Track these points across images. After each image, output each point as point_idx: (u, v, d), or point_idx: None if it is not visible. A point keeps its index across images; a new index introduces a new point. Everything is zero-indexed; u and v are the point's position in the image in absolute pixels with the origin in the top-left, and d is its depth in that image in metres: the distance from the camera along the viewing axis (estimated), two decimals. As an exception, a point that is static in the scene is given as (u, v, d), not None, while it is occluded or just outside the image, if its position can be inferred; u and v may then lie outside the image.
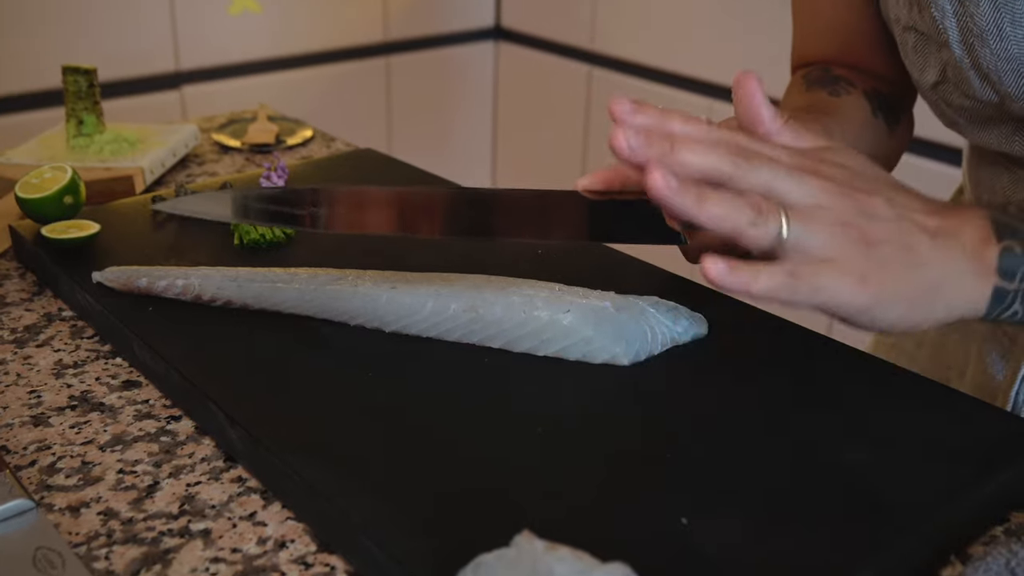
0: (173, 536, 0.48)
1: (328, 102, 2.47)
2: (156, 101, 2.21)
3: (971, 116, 0.70)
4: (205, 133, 1.06)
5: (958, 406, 0.55)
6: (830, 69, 0.82)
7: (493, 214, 0.58)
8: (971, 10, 0.61)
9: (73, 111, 0.92)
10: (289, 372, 0.57)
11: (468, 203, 0.59)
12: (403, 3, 2.57)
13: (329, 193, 0.58)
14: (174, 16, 2.20)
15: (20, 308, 0.69)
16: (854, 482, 0.48)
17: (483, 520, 0.45)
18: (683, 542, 0.44)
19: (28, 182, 0.74)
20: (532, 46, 2.70)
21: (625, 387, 0.56)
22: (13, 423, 0.56)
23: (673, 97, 2.34)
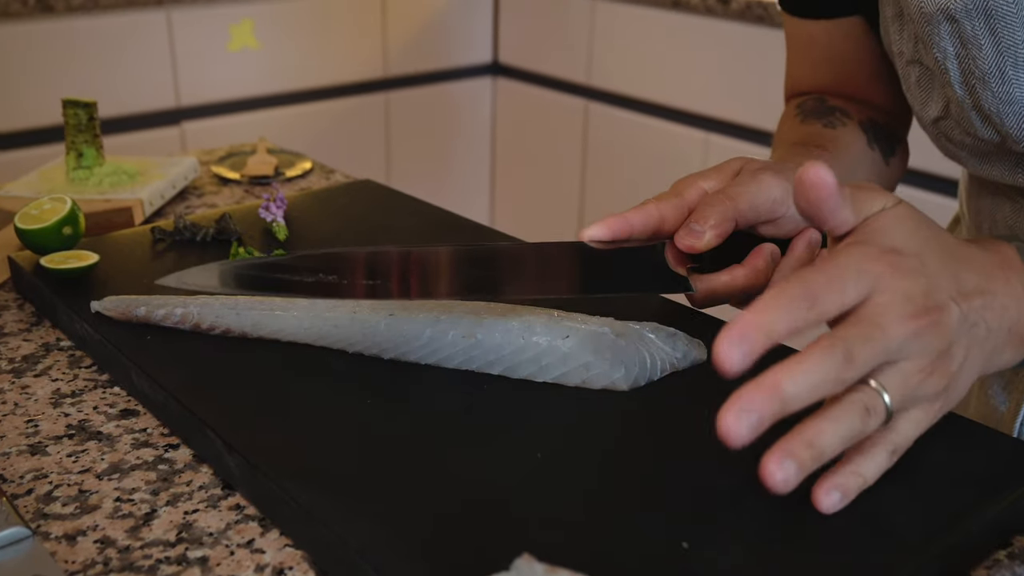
0: (171, 564, 0.47)
1: (327, 138, 2.48)
2: (156, 137, 2.23)
3: (973, 151, 0.71)
4: (204, 166, 1.07)
5: (961, 431, 0.54)
6: (825, 99, 0.82)
7: (494, 272, 0.59)
8: (973, 53, 0.62)
9: (73, 144, 0.93)
10: (287, 399, 0.56)
11: (469, 262, 0.59)
12: (402, 39, 2.59)
13: (336, 259, 0.58)
14: (174, 53, 2.22)
15: (18, 338, 0.69)
16: (857, 506, 0.47)
17: (482, 544, 0.44)
18: (683, 566, 0.43)
19: (27, 213, 0.74)
20: (529, 81, 2.72)
21: (625, 412, 0.56)
22: (10, 452, 0.56)
23: (669, 131, 2.35)
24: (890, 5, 0.69)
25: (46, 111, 2.05)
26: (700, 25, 2.23)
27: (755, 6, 2.10)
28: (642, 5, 2.34)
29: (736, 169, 0.64)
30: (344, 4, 2.45)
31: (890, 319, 0.44)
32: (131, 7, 2.13)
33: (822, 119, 0.79)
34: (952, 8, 0.61)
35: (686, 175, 0.64)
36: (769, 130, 2.12)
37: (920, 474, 0.50)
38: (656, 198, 0.62)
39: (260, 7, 2.32)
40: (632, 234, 0.60)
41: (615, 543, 0.45)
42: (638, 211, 0.61)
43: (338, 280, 0.57)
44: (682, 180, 0.63)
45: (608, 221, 0.60)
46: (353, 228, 0.82)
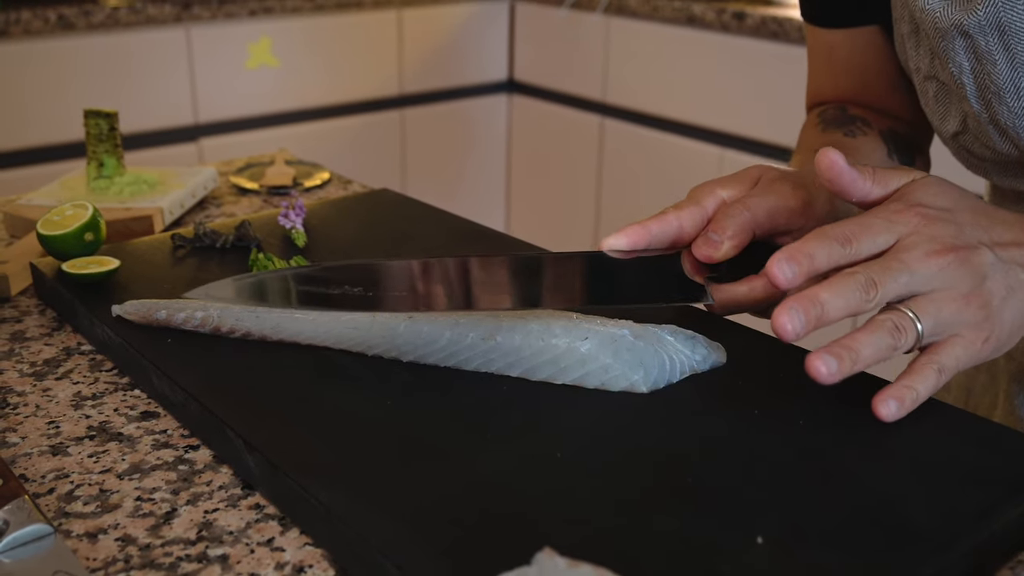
0: (191, 562, 0.47)
1: (343, 154, 2.50)
2: (174, 153, 2.25)
3: (994, 163, 0.70)
4: (223, 176, 1.07)
5: (984, 432, 0.54)
6: (846, 108, 0.82)
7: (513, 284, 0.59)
8: (988, 68, 0.62)
9: (94, 154, 0.93)
10: (307, 401, 0.57)
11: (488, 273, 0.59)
12: (418, 57, 2.61)
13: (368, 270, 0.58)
14: (193, 70, 2.24)
15: (40, 343, 0.69)
16: (880, 507, 0.47)
17: (503, 542, 0.44)
18: (707, 567, 0.43)
19: (49, 219, 0.75)
20: (545, 98, 2.73)
21: (645, 413, 0.55)
22: (32, 452, 0.56)
23: (685, 147, 2.36)
24: (906, 22, 0.69)
25: (66, 127, 2.07)
26: (715, 41, 2.24)
27: (770, 22, 2.10)
28: (657, 21, 2.35)
29: (755, 177, 0.64)
30: (361, 22, 2.48)
31: (914, 255, 0.52)
32: (151, 25, 2.15)
33: (843, 128, 0.79)
34: (966, 24, 0.60)
35: (704, 182, 0.64)
36: (785, 145, 2.12)
37: (944, 475, 0.50)
38: (675, 207, 0.62)
39: (278, 25, 2.34)
40: (651, 243, 0.60)
41: (636, 542, 0.45)
42: (657, 220, 0.61)
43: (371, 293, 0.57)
44: (700, 187, 0.63)
45: (627, 231, 0.60)
46: (371, 236, 0.82)
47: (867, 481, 0.49)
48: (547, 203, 2.80)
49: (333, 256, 0.77)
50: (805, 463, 0.51)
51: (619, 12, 2.42)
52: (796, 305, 0.50)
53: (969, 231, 0.54)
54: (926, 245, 0.53)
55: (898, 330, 0.51)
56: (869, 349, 0.51)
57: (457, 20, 2.66)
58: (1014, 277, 0.54)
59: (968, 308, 0.52)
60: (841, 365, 0.50)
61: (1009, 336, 0.54)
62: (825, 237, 0.53)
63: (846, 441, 0.52)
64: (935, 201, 0.55)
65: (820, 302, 0.51)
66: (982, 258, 0.53)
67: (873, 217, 0.54)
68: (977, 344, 0.53)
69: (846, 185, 0.57)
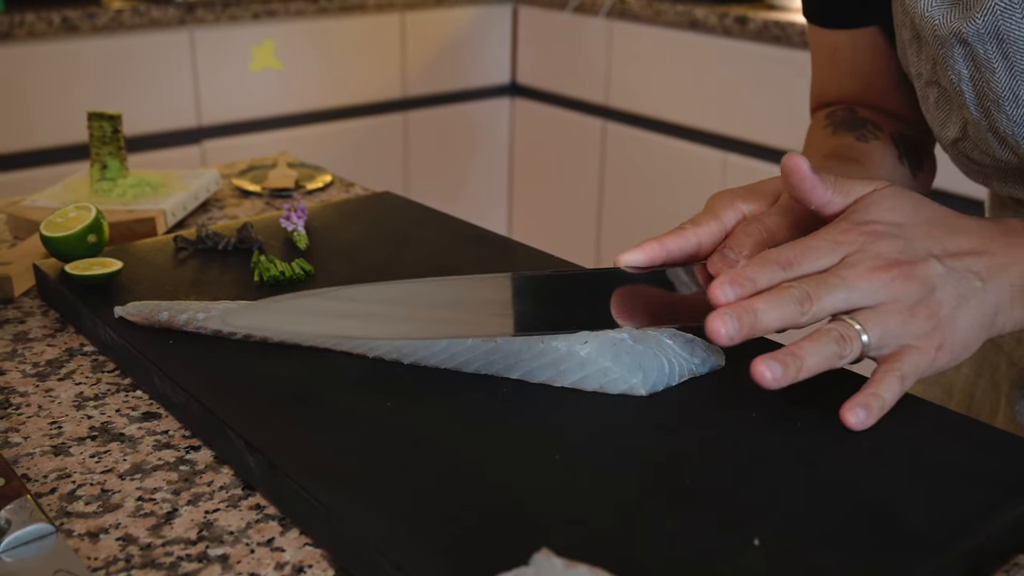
0: (191, 561, 0.48)
1: (346, 157, 2.50)
2: (177, 155, 2.25)
3: (994, 171, 0.71)
4: (226, 179, 1.08)
5: (982, 435, 0.54)
6: (855, 110, 0.82)
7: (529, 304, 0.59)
8: (986, 76, 0.62)
9: (97, 156, 0.94)
10: (307, 402, 0.57)
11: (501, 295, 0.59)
12: (421, 60, 2.61)
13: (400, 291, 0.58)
14: (196, 73, 2.25)
15: (42, 343, 0.70)
16: (878, 509, 0.47)
17: (501, 542, 0.45)
18: (704, 568, 0.43)
19: (53, 221, 0.75)
20: (547, 102, 2.74)
21: (644, 416, 0.56)
22: (34, 452, 0.56)
23: (687, 151, 2.36)
24: (907, 28, 0.69)
25: (70, 129, 2.08)
26: (717, 45, 2.24)
27: (772, 26, 2.11)
28: (659, 25, 2.35)
29: (776, 192, 0.63)
30: (364, 25, 2.48)
31: (855, 272, 0.54)
32: (154, 27, 2.16)
33: (854, 131, 0.79)
34: (964, 32, 0.61)
35: (724, 191, 0.64)
36: (787, 149, 2.12)
37: (941, 477, 0.50)
38: (693, 221, 0.62)
39: (281, 28, 2.35)
40: (668, 259, 0.60)
41: (634, 544, 0.45)
42: (675, 236, 0.61)
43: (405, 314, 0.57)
44: (720, 199, 0.63)
45: (645, 247, 0.60)
46: (373, 238, 0.82)
47: (864, 483, 0.49)
48: (549, 207, 2.81)
49: (334, 259, 0.78)
50: (803, 465, 0.51)
51: (622, 16, 2.43)
52: (730, 311, 0.52)
53: (918, 244, 0.55)
54: (869, 262, 0.54)
55: (843, 339, 0.52)
56: (814, 357, 0.52)
57: (460, 23, 2.66)
58: (966, 285, 0.55)
59: (915, 320, 0.53)
60: (786, 370, 0.51)
61: (964, 344, 0.55)
62: (768, 262, 0.55)
63: (844, 443, 0.53)
64: (886, 216, 0.56)
65: (754, 311, 0.52)
66: (929, 270, 0.54)
67: (818, 239, 0.56)
68: (931, 352, 0.54)
69: (807, 191, 0.58)
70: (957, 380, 0.85)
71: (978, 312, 0.55)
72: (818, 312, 0.53)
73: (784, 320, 0.53)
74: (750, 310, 0.52)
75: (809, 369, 0.52)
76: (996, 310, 0.56)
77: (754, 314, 0.52)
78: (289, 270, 0.73)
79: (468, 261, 0.77)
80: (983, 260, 0.56)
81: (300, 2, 2.34)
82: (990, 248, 0.56)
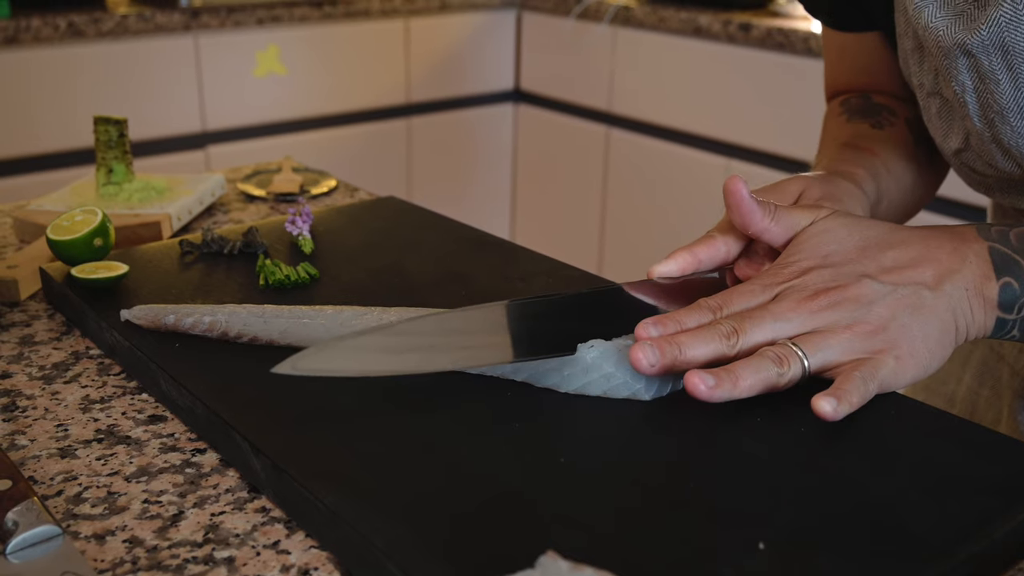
0: (198, 564, 0.48)
1: (349, 162, 2.51)
2: (182, 160, 2.26)
3: (996, 181, 0.71)
4: (231, 184, 1.08)
5: (985, 441, 0.54)
6: (869, 96, 0.82)
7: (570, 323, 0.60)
8: (991, 87, 0.62)
9: (103, 160, 0.94)
10: (314, 405, 0.57)
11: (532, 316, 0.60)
12: (425, 66, 2.62)
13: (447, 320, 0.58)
14: (201, 78, 2.25)
15: (48, 347, 0.70)
16: (881, 515, 0.47)
17: (507, 545, 0.45)
18: (709, 572, 0.43)
19: (59, 225, 0.76)
20: (551, 108, 2.74)
21: (647, 420, 0.56)
22: (40, 455, 0.57)
23: (690, 157, 2.36)
24: (909, 37, 0.69)
25: (76, 134, 2.09)
26: (721, 52, 2.24)
27: (776, 33, 2.11)
28: (663, 32, 2.36)
29: (795, 193, 0.65)
30: (368, 31, 2.49)
31: (784, 305, 0.56)
32: (159, 33, 2.16)
33: (869, 118, 0.79)
34: (969, 43, 0.60)
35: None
36: (790, 156, 2.12)
37: (944, 482, 0.50)
38: (719, 228, 0.64)
39: (286, 34, 2.35)
40: (700, 267, 0.63)
41: (638, 548, 0.45)
42: (704, 245, 0.63)
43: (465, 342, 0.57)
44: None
45: (676, 257, 0.62)
46: (378, 243, 0.83)
47: (868, 488, 0.49)
48: (552, 213, 2.81)
49: (340, 263, 0.78)
50: (806, 470, 0.51)
51: (626, 23, 2.43)
52: (652, 342, 0.54)
53: (849, 268, 0.57)
54: (796, 295, 0.56)
55: (779, 359, 0.54)
56: (749, 373, 0.53)
57: (464, 29, 2.67)
58: (914, 297, 0.56)
59: (856, 336, 0.55)
60: (720, 383, 0.53)
61: (929, 353, 0.56)
62: (697, 306, 0.57)
63: (847, 448, 0.53)
64: (816, 250, 0.58)
65: (678, 343, 0.54)
66: (861, 290, 0.56)
67: (748, 284, 0.58)
68: (889, 362, 0.55)
69: (745, 215, 0.60)
70: (959, 390, 0.85)
71: (934, 319, 0.56)
72: (745, 344, 0.55)
73: (710, 353, 0.54)
74: (673, 342, 0.54)
75: (746, 384, 0.53)
76: (954, 316, 0.57)
77: (677, 347, 0.54)
78: (294, 274, 0.73)
79: (475, 267, 0.77)
80: (928, 269, 0.57)
81: (304, 8, 2.35)
82: (935, 256, 0.57)
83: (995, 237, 0.59)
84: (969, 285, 0.57)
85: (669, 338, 0.55)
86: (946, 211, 1.84)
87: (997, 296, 0.57)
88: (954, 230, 0.60)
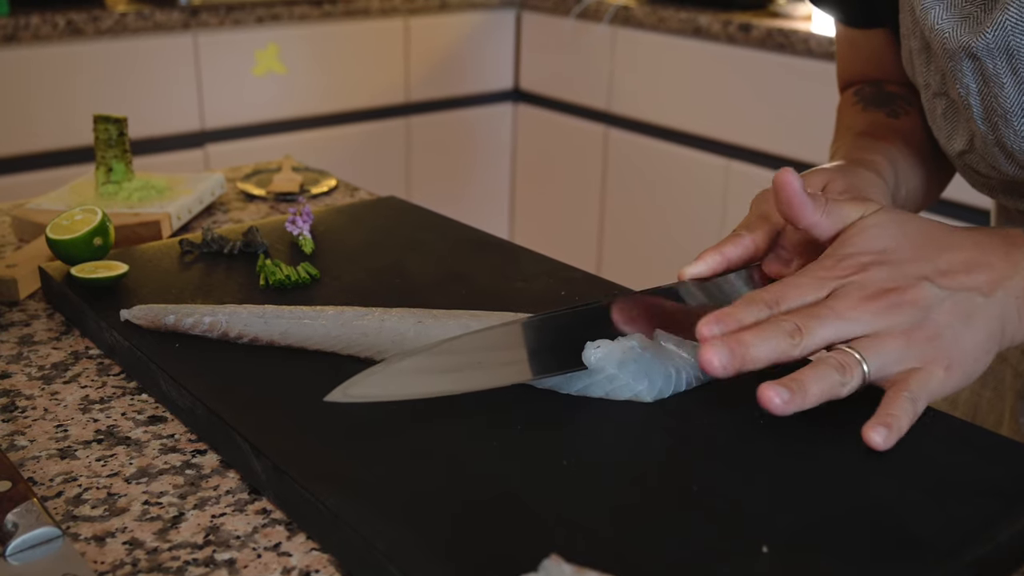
0: (198, 566, 0.48)
1: (348, 161, 2.50)
2: (180, 159, 2.25)
3: (999, 183, 0.70)
4: (230, 183, 1.08)
5: (988, 443, 0.54)
6: (882, 85, 0.82)
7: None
8: (995, 91, 0.62)
9: (103, 159, 0.94)
10: (315, 406, 0.57)
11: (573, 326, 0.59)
12: (424, 65, 2.62)
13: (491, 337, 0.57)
14: (200, 76, 2.25)
15: (48, 346, 0.70)
16: (882, 518, 0.47)
17: (508, 548, 0.45)
18: (709, 573, 0.43)
19: (59, 224, 0.75)
20: (550, 108, 2.74)
21: (649, 422, 0.56)
22: (40, 456, 0.56)
23: (690, 157, 2.36)
24: (916, 37, 0.68)
25: (75, 132, 2.08)
26: (721, 52, 2.24)
27: (776, 33, 2.11)
28: (663, 32, 2.36)
29: (819, 186, 0.65)
30: (368, 30, 2.48)
31: (845, 303, 0.54)
32: (159, 31, 2.16)
33: (884, 108, 0.79)
34: (974, 46, 0.60)
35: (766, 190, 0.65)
36: (790, 156, 2.12)
37: (947, 484, 0.50)
38: (746, 226, 0.64)
39: (285, 32, 2.35)
40: (730, 266, 0.62)
41: (641, 550, 0.45)
42: (733, 243, 0.63)
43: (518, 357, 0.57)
44: (767, 199, 0.64)
45: (706, 257, 0.62)
46: (379, 243, 0.82)
47: (871, 491, 0.49)
48: (551, 212, 2.81)
49: (340, 263, 0.78)
50: (809, 472, 0.51)
51: (625, 22, 2.43)
52: (722, 342, 0.52)
53: (908, 268, 0.55)
54: (857, 292, 0.54)
55: (842, 367, 0.52)
56: (815, 384, 0.52)
57: (463, 29, 2.67)
58: (968, 303, 0.54)
59: (914, 343, 0.53)
60: (792, 397, 0.51)
61: (975, 361, 0.54)
62: (752, 300, 0.55)
63: (850, 451, 0.53)
64: (871, 245, 0.56)
65: (745, 343, 0.52)
66: (921, 293, 0.54)
67: (803, 276, 0.56)
68: (939, 373, 0.53)
69: (796, 209, 0.58)
70: (962, 392, 0.85)
71: (984, 328, 0.55)
72: (809, 344, 0.53)
73: (776, 352, 0.53)
74: (741, 341, 0.52)
75: (814, 396, 0.52)
76: (1002, 323, 0.55)
77: (745, 346, 0.52)
78: (295, 274, 0.73)
79: (475, 267, 0.77)
80: (982, 274, 0.55)
81: (304, 6, 2.34)
82: (988, 261, 0.56)
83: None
84: (1019, 292, 0.56)
85: (737, 337, 0.52)
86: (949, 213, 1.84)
87: None
88: (1004, 233, 0.58)
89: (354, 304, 0.66)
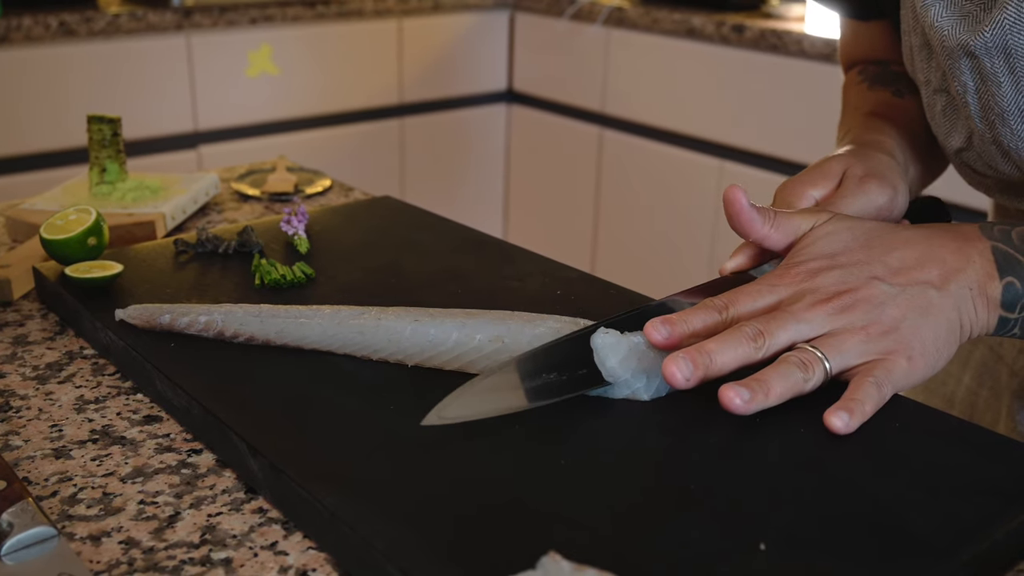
0: (194, 565, 0.47)
1: (342, 162, 2.50)
2: (173, 160, 2.25)
3: (995, 182, 0.71)
4: (225, 183, 1.08)
5: (986, 442, 0.54)
6: (887, 64, 0.83)
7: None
8: (992, 90, 0.62)
9: (97, 159, 0.94)
10: (311, 405, 0.57)
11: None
12: (418, 66, 2.62)
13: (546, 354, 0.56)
14: (193, 77, 2.25)
15: (42, 347, 0.69)
16: (880, 517, 0.47)
17: (507, 547, 0.44)
18: (709, 573, 0.43)
19: (53, 224, 0.75)
20: (544, 109, 2.74)
21: (648, 420, 0.56)
22: (35, 455, 0.56)
23: (684, 158, 2.36)
24: (917, 34, 0.68)
25: (68, 133, 2.07)
26: (714, 53, 2.24)
27: (769, 34, 2.11)
28: (656, 33, 2.36)
29: (838, 173, 0.66)
30: (361, 31, 2.48)
31: (800, 306, 0.56)
32: (151, 32, 2.15)
33: (889, 87, 0.80)
34: (972, 45, 0.60)
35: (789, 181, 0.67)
36: (783, 157, 2.12)
37: (945, 483, 0.50)
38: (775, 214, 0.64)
39: (279, 33, 2.34)
40: (766, 257, 0.64)
41: (639, 548, 0.45)
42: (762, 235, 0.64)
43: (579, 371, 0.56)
44: (790, 189, 0.66)
45: (743, 250, 0.64)
46: (374, 242, 0.82)
47: (868, 489, 0.49)
48: (545, 213, 2.81)
49: (335, 262, 0.77)
50: (806, 470, 0.51)
51: (619, 24, 2.43)
52: (684, 355, 0.53)
53: (859, 269, 0.57)
54: (810, 297, 0.56)
55: (804, 364, 0.54)
56: (778, 381, 0.53)
57: (457, 30, 2.67)
58: (922, 297, 0.56)
59: (872, 337, 0.55)
60: (754, 395, 0.52)
61: (937, 352, 0.56)
62: (703, 307, 0.57)
63: (847, 449, 0.53)
64: (823, 250, 0.59)
65: (707, 352, 0.54)
66: (873, 291, 0.56)
67: (755, 284, 0.58)
68: (902, 363, 0.55)
69: (744, 223, 0.60)
70: (959, 391, 0.85)
71: (942, 320, 0.56)
72: (772, 346, 0.55)
73: (740, 357, 0.54)
74: (703, 351, 0.54)
75: (777, 393, 0.53)
76: (959, 314, 0.57)
77: (708, 355, 0.54)
78: (290, 274, 0.73)
79: (471, 266, 0.77)
80: (934, 269, 0.57)
81: (297, 7, 2.34)
82: (940, 256, 0.58)
83: (998, 236, 0.59)
84: (973, 284, 0.57)
85: (699, 347, 0.54)
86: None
87: (1000, 295, 0.58)
88: (957, 228, 0.60)
89: (350, 303, 0.66)
